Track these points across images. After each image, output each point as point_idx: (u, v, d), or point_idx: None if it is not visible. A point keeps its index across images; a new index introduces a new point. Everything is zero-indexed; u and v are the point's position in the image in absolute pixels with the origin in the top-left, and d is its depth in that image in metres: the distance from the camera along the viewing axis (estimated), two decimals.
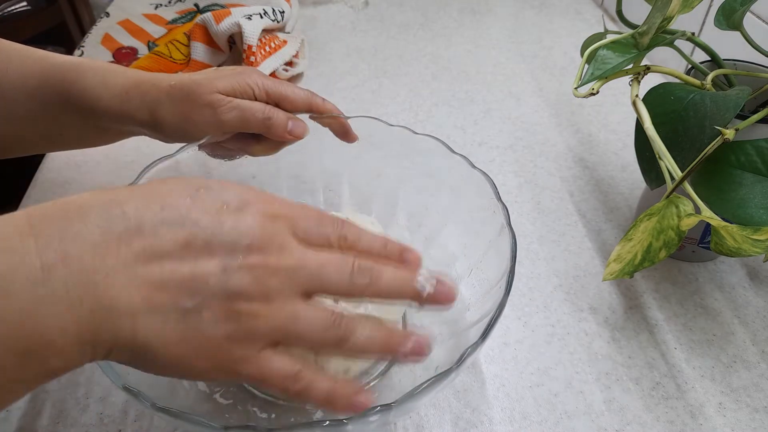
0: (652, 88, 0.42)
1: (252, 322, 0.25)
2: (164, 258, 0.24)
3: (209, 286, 0.24)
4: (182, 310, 0.24)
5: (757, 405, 0.40)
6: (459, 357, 0.30)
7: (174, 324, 0.24)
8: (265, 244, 0.26)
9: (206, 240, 0.25)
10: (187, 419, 0.28)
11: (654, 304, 0.46)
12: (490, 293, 0.36)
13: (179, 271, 0.24)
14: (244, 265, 0.25)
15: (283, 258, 0.26)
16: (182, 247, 0.24)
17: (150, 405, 0.29)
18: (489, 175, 0.40)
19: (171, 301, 0.24)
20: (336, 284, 0.27)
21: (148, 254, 0.24)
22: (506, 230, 0.37)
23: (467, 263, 0.41)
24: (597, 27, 0.85)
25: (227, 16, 0.67)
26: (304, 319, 0.26)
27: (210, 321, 0.24)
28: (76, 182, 0.58)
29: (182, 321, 0.24)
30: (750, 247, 0.35)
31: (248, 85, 0.41)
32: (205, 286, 0.24)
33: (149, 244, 0.24)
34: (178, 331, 0.24)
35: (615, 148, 0.62)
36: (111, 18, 0.85)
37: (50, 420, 0.38)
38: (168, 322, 0.24)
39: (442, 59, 0.78)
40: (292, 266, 0.26)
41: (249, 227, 0.26)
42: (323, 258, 0.27)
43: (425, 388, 0.29)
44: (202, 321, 0.24)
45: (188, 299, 0.24)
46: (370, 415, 0.28)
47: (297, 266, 0.26)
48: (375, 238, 0.29)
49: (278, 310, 0.25)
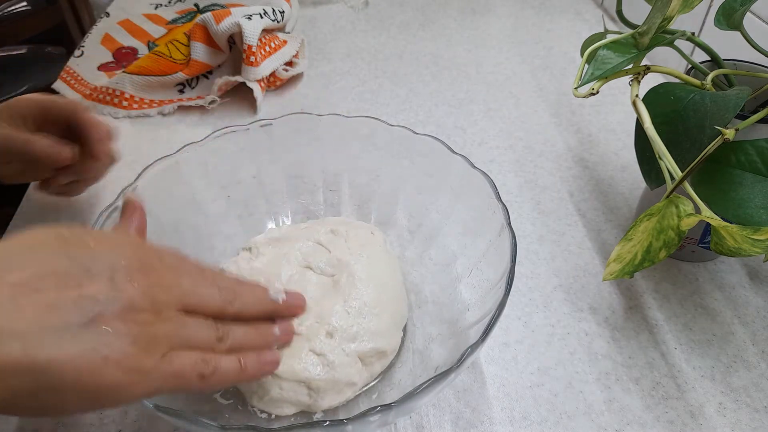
0: (652, 88, 0.42)
1: (150, 328, 0.27)
2: (48, 288, 0.24)
3: (100, 302, 0.25)
4: (78, 325, 0.24)
5: (757, 405, 0.40)
6: (459, 357, 0.30)
7: (73, 339, 0.24)
8: (142, 265, 0.28)
9: (85, 266, 0.26)
10: (187, 419, 0.28)
11: (654, 304, 0.46)
12: (490, 293, 0.36)
13: (66, 294, 0.24)
14: (130, 281, 0.27)
15: (162, 276, 0.28)
16: (64, 275, 0.25)
17: (152, 406, 0.29)
18: (489, 175, 0.40)
19: (63, 320, 0.24)
20: (209, 298, 0.30)
21: (29, 287, 0.24)
22: (506, 230, 0.37)
23: (467, 263, 0.42)
24: (597, 27, 0.85)
25: (227, 16, 0.67)
26: (192, 324, 0.29)
27: (109, 332, 0.25)
28: None
29: (81, 335, 0.24)
30: (750, 247, 0.35)
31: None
32: (95, 302, 0.25)
33: (28, 277, 0.24)
34: (80, 344, 0.24)
35: (615, 148, 0.62)
36: (111, 18, 0.85)
37: (50, 420, 0.38)
38: (65, 338, 0.24)
39: (442, 59, 0.78)
40: (171, 282, 0.29)
41: (122, 249, 0.28)
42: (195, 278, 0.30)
43: (425, 388, 0.29)
44: (102, 333, 0.25)
45: (81, 316, 0.24)
46: (371, 415, 0.28)
47: (176, 283, 0.29)
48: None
49: (168, 319, 0.28)
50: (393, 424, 0.38)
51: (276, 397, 0.35)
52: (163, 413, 0.28)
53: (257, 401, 0.36)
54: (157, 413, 0.29)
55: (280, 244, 0.42)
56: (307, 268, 0.41)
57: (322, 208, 0.50)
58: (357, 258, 0.41)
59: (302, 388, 0.35)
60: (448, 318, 0.40)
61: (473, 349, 0.31)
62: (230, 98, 0.69)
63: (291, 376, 0.35)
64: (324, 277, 0.40)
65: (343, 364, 0.36)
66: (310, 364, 0.35)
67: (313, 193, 0.50)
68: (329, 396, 0.36)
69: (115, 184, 0.57)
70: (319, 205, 0.50)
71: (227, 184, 0.47)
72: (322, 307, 0.38)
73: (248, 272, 0.40)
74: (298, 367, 0.35)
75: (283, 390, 0.35)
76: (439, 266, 0.44)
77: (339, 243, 0.42)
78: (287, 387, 0.35)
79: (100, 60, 0.77)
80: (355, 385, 0.37)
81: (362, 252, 0.42)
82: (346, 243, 0.42)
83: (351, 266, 0.40)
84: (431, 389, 0.29)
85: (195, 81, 0.70)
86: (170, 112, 0.67)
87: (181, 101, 0.68)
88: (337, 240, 0.43)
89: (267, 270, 0.40)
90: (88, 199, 0.55)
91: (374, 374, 0.38)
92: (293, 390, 0.35)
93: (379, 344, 0.37)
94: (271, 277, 0.39)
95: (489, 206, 0.39)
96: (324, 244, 0.42)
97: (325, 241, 0.42)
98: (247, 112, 0.67)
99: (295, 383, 0.35)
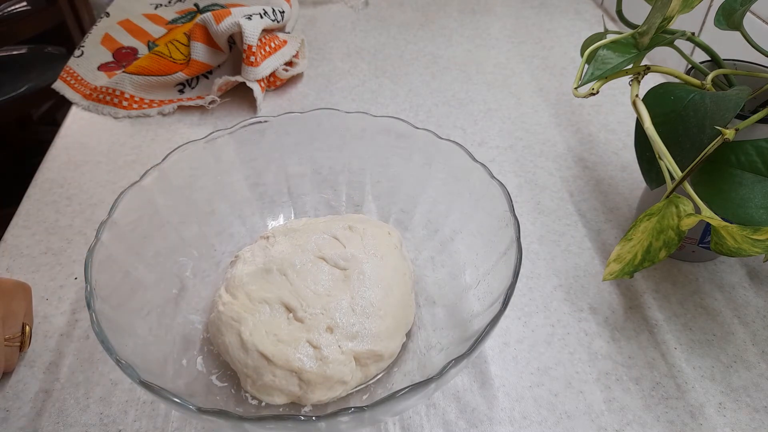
0: (652, 88, 0.42)
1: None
2: None
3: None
4: None
5: (757, 405, 0.40)
6: (441, 368, 0.30)
7: None
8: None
9: None
10: (164, 396, 0.28)
11: (654, 304, 0.46)
12: (492, 307, 0.36)
13: None
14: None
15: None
16: None
17: (138, 381, 0.29)
18: (506, 187, 0.40)
19: None
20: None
21: None
22: (514, 245, 0.36)
23: (476, 274, 0.41)
24: (597, 27, 0.85)
25: (227, 16, 0.67)
26: None
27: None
28: (76, 182, 0.58)
29: None
30: (750, 247, 0.35)
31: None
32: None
33: None
34: None
35: (615, 148, 0.62)
36: (111, 18, 0.85)
37: (50, 420, 0.38)
38: None
39: (442, 59, 0.78)
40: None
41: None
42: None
43: (401, 395, 0.29)
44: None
45: None
46: (342, 415, 0.28)
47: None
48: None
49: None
50: (383, 423, 0.38)
51: (268, 384, 0.36)
52: (145, 388, 0.29)
53: (251, 386, 0.37)
54: (140, 387, 0.29)
55: (297, 235, 0.43)
56: (320, 259, 0.41)
57: (343, 205, 0.50)
58: (370, 257, 0.41)
59: (294, 378, 0.36)
60: (452, 326, 0.40)
61: (457, 362, 0.30)
62: (230, 98, 0.69)
63: (284, 363, 0.35)
64: (336, 270, 0.40)
65: (336, 362, 0.36)
66: (305, 356, 0.36)
67: (335, 188, 0.50)
68: (319, 390, 0.36)
69: (116, 184, 0.57)
70: (341, 201, 0.50)
71: (251, 173, 0.48)
72: (330, 298, 0.38)
73: (263, 259, 0.41)
74: (291, 356, 0.36)
75: (276, 377, 0.36)
76: (451, 274, 0.44)
77: (355, 240, 0.43)
78: (280, 375, 0.36)
79: (100, 60, 0.77)
80: (347, 384, 0.37)
81: (376, 252, 0.42)
82: (362, 240, 0.42)
83: (363, 264, 0.40)
84: (409, 396, 0.29)
85: (195, 81, 0.70)
86: (170, 112, 0.67)
87: (181, 101, 0.68)
88: (353, 236, 0.43)
89: (281, 257, 0.41)
90: (88, 198, 0.56)
91: (369, 376, 0.38)
92: (285, 379, 0.36)
93: (377, 347, 0.37)
94: (284, 264, 0.40)
95: (503, 218, 0.39)
96: (340, 239, 0.42)
97: (342, 236, 0.43)
98: (247, 112, 0.67)
99: (287, 372, 0.36)
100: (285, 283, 0.39)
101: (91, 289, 0.33)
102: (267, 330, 0.37)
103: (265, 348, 0.36)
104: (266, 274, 0.40)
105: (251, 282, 0.40)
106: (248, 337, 0.36)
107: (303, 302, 0.38)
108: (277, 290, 0.39)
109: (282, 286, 0.39)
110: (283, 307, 0.38)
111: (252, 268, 0.41)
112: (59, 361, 0.42)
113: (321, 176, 0.50)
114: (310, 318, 0.37)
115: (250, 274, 0.40)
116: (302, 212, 0.50)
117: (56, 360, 0.42)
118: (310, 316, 0.37)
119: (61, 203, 0.55)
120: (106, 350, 0.30)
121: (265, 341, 0.36)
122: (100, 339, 0.30)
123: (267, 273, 0.40)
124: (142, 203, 0.40)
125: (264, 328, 0.37)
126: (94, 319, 0.31)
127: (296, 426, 0.28)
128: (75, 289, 0.47)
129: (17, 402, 0.39)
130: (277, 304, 0.38)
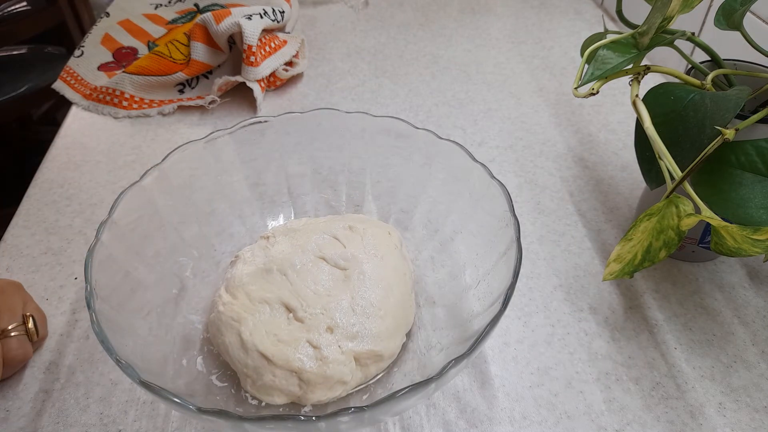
0: (652, 88, 0.42)
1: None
2: None
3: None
4: None
5: (757, 405, 0.40)
6: (441, 368, 0.30)
7: None
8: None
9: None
10: (164, 396, 0.28)
11: (654, 304, 0.46)
12: (492, 308, 0.36)
13: None
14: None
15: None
16: None
17: (138, 380, 0.29)
18: (506, 187, 0.40)
19: None
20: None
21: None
22: (514, 245, 0.36)
23: (476, 274, 0.41)
24: (597, 27, 0.85)
25: (227, 16, 0.67)
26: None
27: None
28: (76, 182, 0.58)
29: None
30: (750, 247, 0.35)
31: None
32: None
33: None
34: None
35: (615, 148, 0.62)
36: (111, 18, 0.85)
37: (50, 420, 0.38)
38: None
39: (442, 59, 0.78)
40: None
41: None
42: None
43: (401, 396, 0.29)
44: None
45: None
46: (342, 415, 0.28)
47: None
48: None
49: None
50: (383, 423, 0.38)
51: (268, 384, 0.36)
52: (145, 388, 0.29)
53: (251, 386, 0.37)
54: (140, 387, 0.29)
55: (297, 235, 0.43)
56: (320, 259, 0.41)
57: (343, 205, 0.50)
58: (370, 257, 0.41)
59: (293, 378, 0.36)
60: (452, 326, 0.40)
61: (457, 362, 0.30)
62: (230, 98, 0.69)
63: (283, 363, 0.35)
64: (336, 270, 0.40)
65: (336, 362, 0.36)
66: (304, 356, 0.36)
67: (335, 188, 0.50)
68: (319, 390, 0.36)
69: (116, 184, 0.57)
70: (341, 201, 0.50)
71: (251, 173, 0.48)
72: (330, 298, 0.38)
73: (263, 259, 0.41)
74: (292, 356, 0.36)
75: (276, 377, 0.36)
76: (451, 274, 0.44)
77: (355, 240, 0.43)
78: (280, 375, 0.36)
79: (100, 60, 0.77)
80: (347, 384, 0.37)
81: (377, 252, 0.42)
82: (362, 240, 0.43)
83: (363, 264, 0.40)
84: (409, 396, 0.29)
85: (195, 81, 0.70)
86: (170, 112, 0.67)
87: (181, 101, 0.68)
88: (353, 236, 0.43)
89: (281, 257, 0.41)
90: (88, 198, 0.56)
91: (369, 376, 0.38)
92: (285, 379, 0.36)
93: (377, 347, 0.37)
94: (284, 264, 0.40)
95: (503, 218, 0.39)
96: (340, 239, 0.42)
97: (342, 236, 0.43)
98: (247, 112, 0.67)
99: (287, 372, 0.36)
100: (285, 283, 0.39)
101: (91, 289, 0.33)
102: (267, 330, 0.37)
103: (265, 348, 0.36)
104: (266, 274, 0.40)
105: (251, 282, 0.40)
106: (248, 337, 0.36)
107: (303, 302, 0.38)
108: (277, 290, 0.39)
109: (282, 286, 0.39)
110: (283, 307, 0.38)
111: (252, 268, 0.41)
112: (59, 361, 0.42)
113: (321, 176, 0.50)
114: (310, 318, 0.37)
115: (250, 274, 0.40)
116: (302, 212, 0.50)
117: (56, 360, 0.42)
118: (310, 316, 0.37)
119: (61, 203, 0.55)
120: (106, 350, 0.30)
121: (265, 341, 0.36)
122: (100, 339, 0.30)
123: (267, 273, 0.40)
124: (142, 203, 0.40)
125: (264, 328, 0.37)
126: (94, 319, 0.31)
127: (296, 426, 0.28)
128: (75, 289, 0.47)
129: (17, 402, 0.39)
130: (277, 304, 0.38)
